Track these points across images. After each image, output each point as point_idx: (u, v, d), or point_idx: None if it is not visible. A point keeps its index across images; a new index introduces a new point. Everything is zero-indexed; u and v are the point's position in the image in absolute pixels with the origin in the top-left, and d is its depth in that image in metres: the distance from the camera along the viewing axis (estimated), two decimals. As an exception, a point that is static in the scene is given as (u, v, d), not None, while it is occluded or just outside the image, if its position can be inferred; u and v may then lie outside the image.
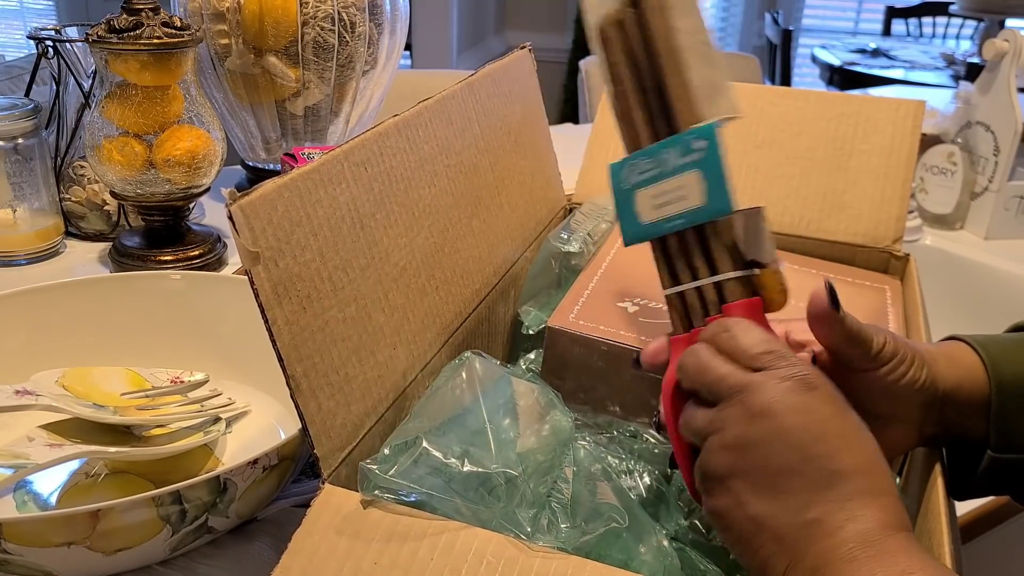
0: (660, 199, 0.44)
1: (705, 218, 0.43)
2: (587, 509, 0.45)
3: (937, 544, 0.40)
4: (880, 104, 0.78)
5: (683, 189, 0.43)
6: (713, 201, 0.43)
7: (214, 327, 0.68)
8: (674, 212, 0.44)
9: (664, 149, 0.44)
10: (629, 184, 0.46)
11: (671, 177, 0.44)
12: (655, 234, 0.45)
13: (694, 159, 0.43)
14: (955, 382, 0.45)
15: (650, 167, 0.45)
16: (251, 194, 0.39)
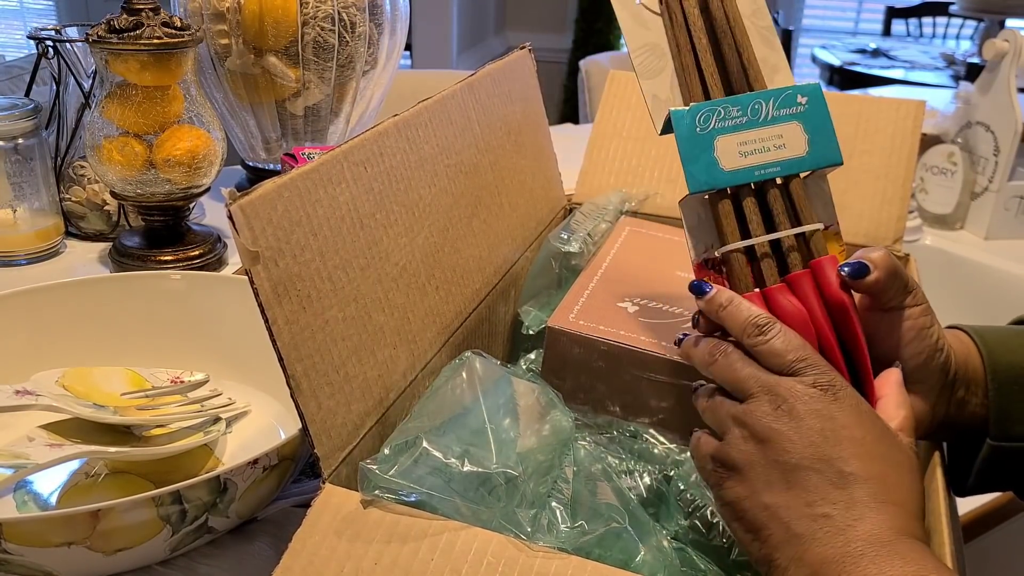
0: (749, 146, 0.45)
1: (807, 167, 0.45)
2: (587, 509, 0.45)
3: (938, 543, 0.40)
4: (880, 104, 0.78)
5: (782, 139, 0.45)
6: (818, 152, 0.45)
7: (214, 327, 0.68)
8: (769, 160, 0.45)
9: (757, 99, 0.45)
10: (707, 129, 0.45)
11: (767, 126, 0.45)
12: (736, 181, 0.45)
13: (795, 112, 0.45)
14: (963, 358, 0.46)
15: (739, 115, 0.45)
16: (251, 194, 0.39)
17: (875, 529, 0.35)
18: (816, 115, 0.45)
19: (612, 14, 2.01)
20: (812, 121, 0.45)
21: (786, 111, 0.45)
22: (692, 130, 0.46)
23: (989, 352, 0.46)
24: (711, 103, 0.46)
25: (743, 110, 0.45)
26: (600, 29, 3.46)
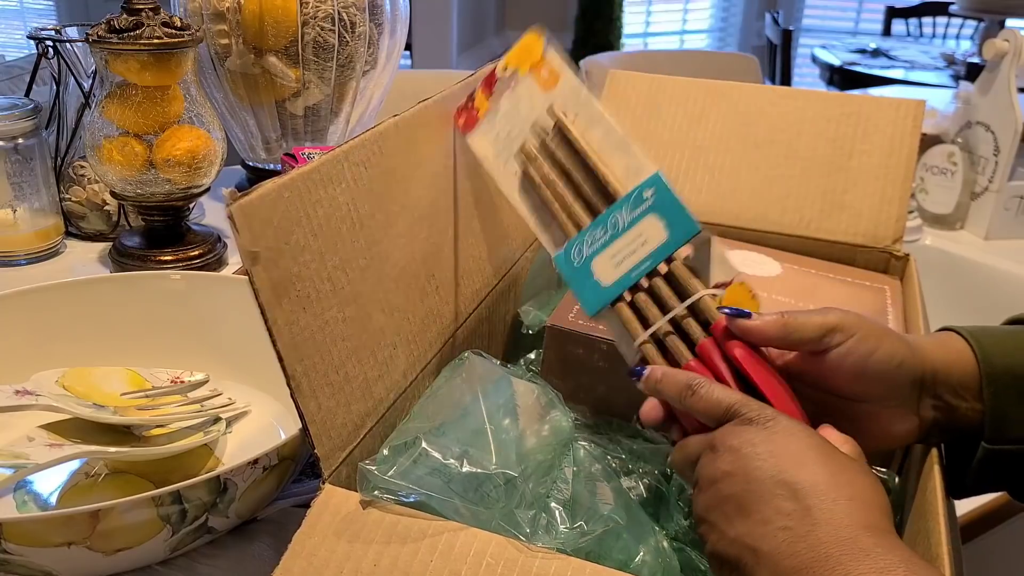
0: (619, 256, 0.49)
1: (671, 249, 0.48)
2: (586, 510, 0.45)
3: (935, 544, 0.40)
4: (880, 104, 0.78)
5: (642, 235, 0.49)
6: (676, 231, 0.48)
7: (214, 327, 0.68)
8: (639, 259, 0.49)
9: (613, 213, 0.50)
10: (582, 259, 0.50)
11: (627, 232, 0.49)
12: (621, 289, 0.49)
13: (647, 207, 0.49)
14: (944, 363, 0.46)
15: (602, 234, 0.50)
16: (250, 194, 0.39)
17: (835, 530, 0.36)
18: (665, 201, 0.49)
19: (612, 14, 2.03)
20: (663, 208, 0.49)
21: (639, 209, 0.49)
22: (571, 265, 0.50)
23: (985, 356, 0.46)
24: (578, 236, 0.51)
25: (604, 228, 0.50)
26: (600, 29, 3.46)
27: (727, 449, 0.41)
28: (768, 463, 0.39)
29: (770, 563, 0.37)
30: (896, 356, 0.45)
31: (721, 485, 0.40)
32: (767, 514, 0.38)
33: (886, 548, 0.35)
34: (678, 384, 0.45)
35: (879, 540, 0.35)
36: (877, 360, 0.44)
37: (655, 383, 0.46)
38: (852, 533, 0.36)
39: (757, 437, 0.40)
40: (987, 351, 0.46)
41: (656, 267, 0.48)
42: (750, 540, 0.38)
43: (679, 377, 0.45)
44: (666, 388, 0.45)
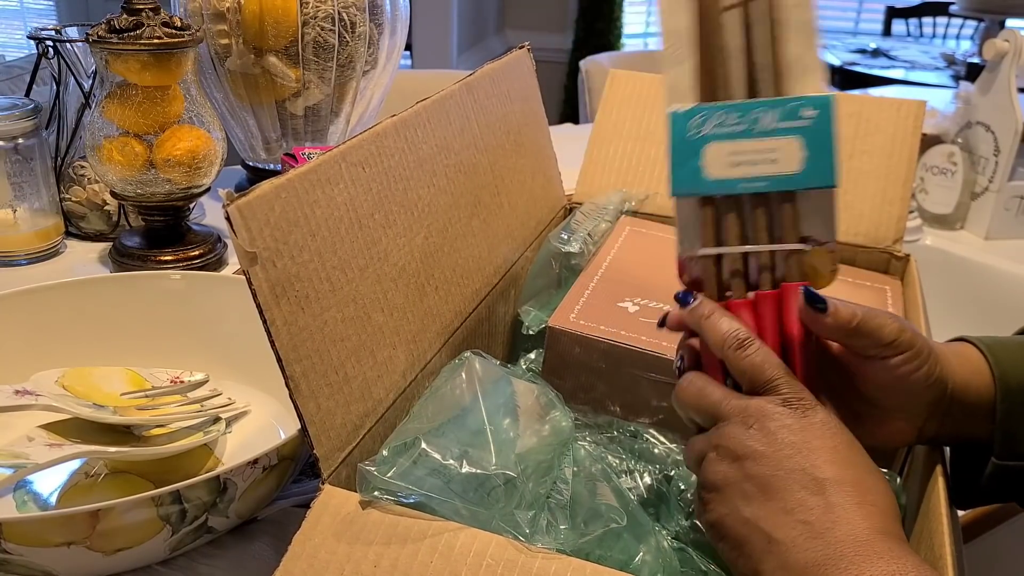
0: (740, 157, 0.43)
1: (795, 186, 0.43)
2: (587, 510, 0.45)
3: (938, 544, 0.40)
4: (881, 104, 0.78)
5: (776, 152, 0.43)
6: (812, 171, 0.43)
7: (214, 327, 0.68)
8: (758, 174, 0.43)
9: (760, 108, 0.43)
10: (700, 134, 0.44)
11: (764, 138, 0.43)
12: (720, 191, 0.44)
13: (798, 125, 0.43)
14: (963, 381, 0.46)
15: (737, 122, 0.43)
16: (248, 195, 0.39)
17: (853, 530, 0.36)
18: (819, 131, 0.43)
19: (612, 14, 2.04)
20: (814, 137, 0.43)
21: (788, 124, 0.43)
22: (684, 133, 0.44)
23: (1001, 372, 0.45)
24: (710, 107, 0.44)
25: (742, 118, 0.44)
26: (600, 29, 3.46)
27: (761, 428, 0.40)
28: (801, 454, 0.38)
29: (781, 553, 0.37)
30: (932, 376, 0.44)
31: (747, 463, 0.39)
32: (789, 504, 0.37)
33: (898, 554, 0.35)
34: (724, 331, 0.42)
35: (892, 546, 0.35)
36: (916, 379, 0.44)
37: (700, 318, 0.44)
38: (869, 536, 0.36)
39: (795, 424, 0.39)
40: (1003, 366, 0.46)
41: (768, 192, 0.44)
42: (765, 525, 0.38)
43: (727, 324, 0.43)
44: (710, 329, 0.43)
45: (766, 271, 0.44)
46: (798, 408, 0.40)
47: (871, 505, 0.37)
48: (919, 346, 0.44)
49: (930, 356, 0.44)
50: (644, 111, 0.83)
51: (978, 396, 0.46)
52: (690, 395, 0.43)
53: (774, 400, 0.40)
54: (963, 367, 0.46)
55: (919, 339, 0.44)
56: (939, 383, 0.45)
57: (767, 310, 0.44)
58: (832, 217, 0.44)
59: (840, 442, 0.39)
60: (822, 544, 0.36)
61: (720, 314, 0.43)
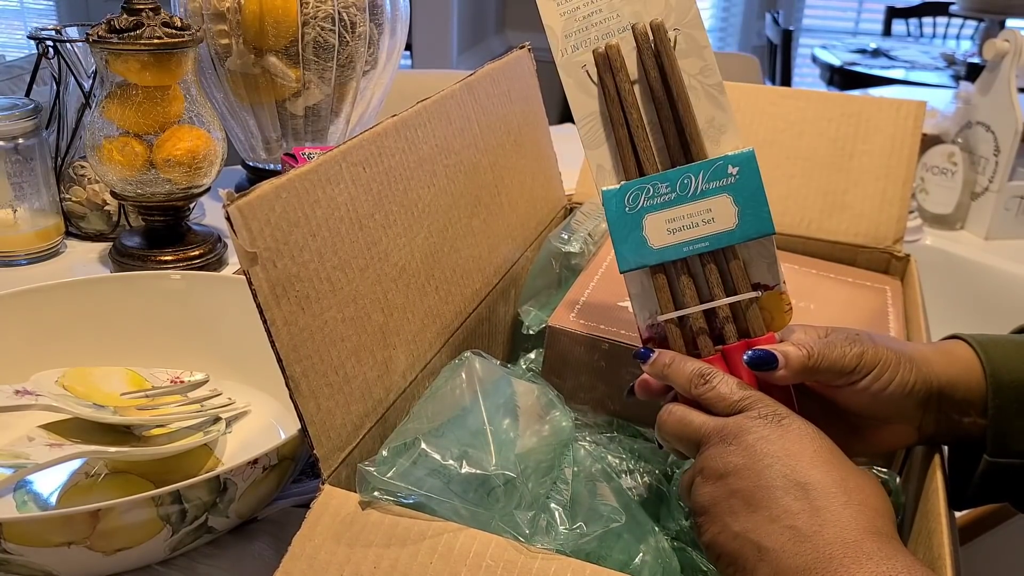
0: (678, 223, 0.45)
1: (736, 240, 0.45)
2: (586, 510, 0.45)
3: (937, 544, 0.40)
4: (881, 104, 0.78)
5: (710, 212, 0.45)
6: (748, 224, 0.44)
7: (214, 327, 0.68)
8: (697, 235, 0.45)
9: (687, 174, 0.45)
10: (636, 208, 0.46)
11: (696, 201, 0.45)
12: (667, 258, 0.45)
13: (726, 183, 0.44)
14: (950, 379, 0.46)
15: (668, 191, 0.45)
16: (249, 195, 0.39)
17: (842, 532, 0.36)
18: (747, 185, 0.44)
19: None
20: (742, 192, 0.44)
21: (716, 183, 0.45)
22: (622, 209, 0.46)
23: (993, 369, 0.46)
24: (640, 181, 0.46)
25: (672, 186, 0.45)
26: (600, 29, 3.45)
27: (739, 443, 0.40)
28: (781, 461, 0.39)
29: (773, 560, 0.37)
30: (907, 384, 0.45)
31: (730, 479, 0.40)
32: (775, 512, 0.38)
33: (889, 553, 0.35)
34: (688, 372, 0.44)
35: (882, 545, 0.35)
36: (890, 391, 0.44)
37: (663, 368, 0.45)
38: (857, 536, 0.36)
39: (772, 434, 0.40)
40: (995, 364, 0.46)
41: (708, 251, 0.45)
42: (755, 536, 0.38)
43: (690, 365, 0.44)
44: (675, 374, 0.44)
45: (729, 323, 0.46)
46: (773, 419, 0.41)
47: (859, 505, 0.37)
48: (885, 360, 0.44)
49: (900, 365, 0.44)
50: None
51: (969, 392, 0.46)
52: (672, 425, 0.44)
53: (750, 415, 0.41)
54: (951, 365, 0.46)
55: (884, 353, 0.44)
56: (920, 386, 0.45)
57: (738, 360, 0.45)
58: (775, 261, 0.46)
59: (820, 446, 0.40)
60: (811, 547, 0.36)
61: (680, 359, 0.45)
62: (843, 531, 0.36)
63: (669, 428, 0.44)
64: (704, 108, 0.46)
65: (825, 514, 0.37)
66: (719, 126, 0.46)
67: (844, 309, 0.65)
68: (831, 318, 0.63)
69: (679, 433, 0.44)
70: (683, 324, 0.46)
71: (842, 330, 0.46)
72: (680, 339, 0.46)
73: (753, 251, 0.46)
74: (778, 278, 0.46)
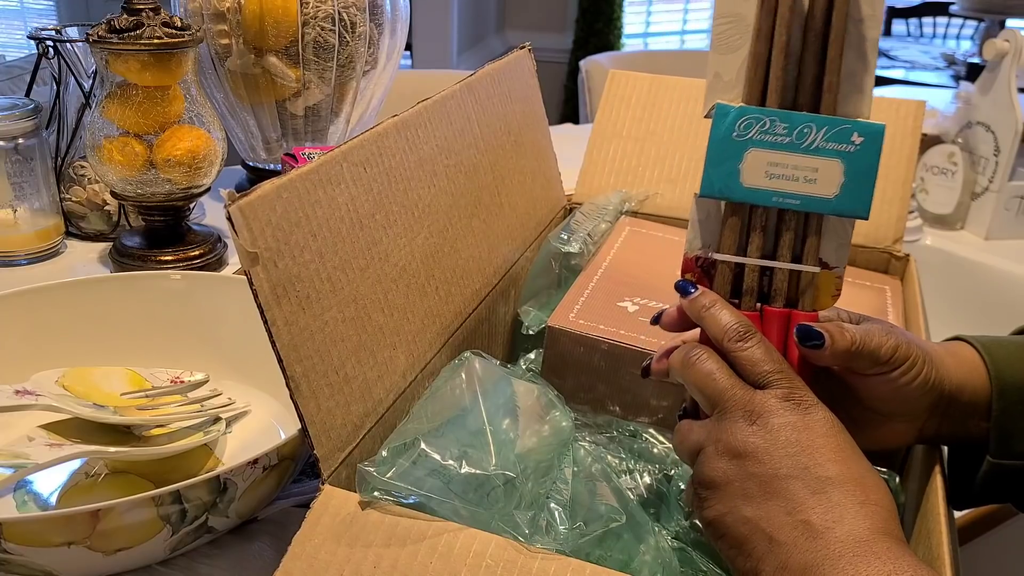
0: (779, 169, 0.42)
1: (828, 210, 0.42)
2: (586, 510, 0.45)
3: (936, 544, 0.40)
4: (880, 104, 0.78)
5: (816, 173, 0.42)
6: (847, 199, 0.42)
7: (214, 327, 0.68)
8: (793, 190, 0.42)
9: (809, 123, 0.42)
10: (744, 137, 0.43)
11: (806, 155, 0.42)
12: (751, 200, 0.43)
13: (844, 149, 0.42)
14: (959, 381, 0.46)
15: (784, 133, 0.42)
16: (250, 195, 0.39)
17: (854, 530, 0.36)
18: (864, 159, 0.42)
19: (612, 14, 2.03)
20: (856, 164, 0.42)
21: (834, 146, 0.42)
22: (729, 132, 0.43)
23: (997, 372, 0.46)
24: (759, 111, 0.42)
25: (790, 129, 0.42)
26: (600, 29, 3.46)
27: (763, 424, 0.39)
28: (804, 452, 0.38)
29: (782, 554, 0.37)
30: (928, 382, 0.44)
31: (748, 461, 0.39)
32: (790, 504, 0.37)
33: (896, 554, 0.35)
34: (726, 322, 0.42)
35: (891, 545, 0.35)
36: (913, 387, 0.44)
37: (701, 309, 0.43)
38: (868, 536, 0.36)
39: (798, 422, 0.39)
40: (999, 366, 0.46)
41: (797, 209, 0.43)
42: (767, 526, 0.38)
43: (731, 315, 0.42)
44: (712, 319, 0.43)
45: (780, 288, 0.44)
46: (800, 405, 0.40)
47: (873, 504, 0.37)
48: (914, 355, 0.44)
49: (925, 363, 0.44)
50: (644, 111, 0.83)
51: (974, 395, 0.46)
52: (697, 374, 0.42)
53: (777, 394, 0.40)
54: (959, 367, 0.46)
55: (913, 348, 0.44)
56: (936, 386, 0.45)
57: (773, 328, 0.44)
58: (846, 245, 0.44)
59: (842, 441, 0.39)
60: (822, 544, 0.36)
61: (722, 305, 0.43)
62: (856, 529, 0.36)
63: (693, 375, 0.42)
64: (849, 60, 0.42)
65: (840, 511, 0.37)
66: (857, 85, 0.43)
67: (844, 309, 0.65)
68: (831, 318, 0.63)
69: (701, 385, 0.42)
70: (734, 269, 0.44)
71: (875, 319, 0.46)
72: (728, 284, 0.44)
73: (831, 226, 0.44)
74: (842, 261, 0.44)
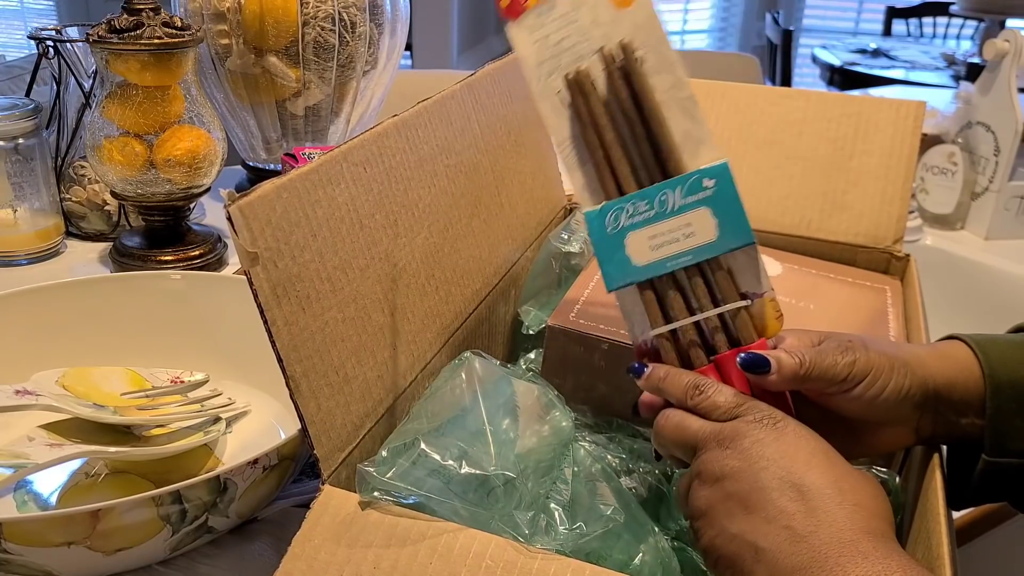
0: (659, 239, 0.46)
1: (718, 252, 0.45)
2: (586, 510, 0.45)
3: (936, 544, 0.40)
4: (881, 104, 0.78)
5: (690, 227, 0.45)
6: (728, 235, 0.45)
7: (214, 327, 0.68)
8: (679, 250, 0.45)
9: (664, 190, 0.45)
10: (618, 227, 0.46)
11: (675, 216, 0.45)
12: (651, 275, 0.46)
13: (703, 196, 0.45)
14: (947, 380, 0.46)
15: (647, 208, 0.46)
16: (250, 195, 0.39)
17: (837, 532, 0.36)
18: (724, 197, 0.45)
19: (612, 14, 1.94)
20: (720, 204, 0.45)
21: (693, 197, 0.45)
22: (603, 230, 0.46)
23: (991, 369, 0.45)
24: (619, 201, 0.46)
25: (650, 203, 0.46)
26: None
27: (735, 446, 0.40)
28: (777, 464, 0.39)
29: (769, 561, 0.37)
30: (902, 388, 0.44)
31: (726, 482, 0.40)
32: (771, 513, 0.38)
33: (884, 553, 0.35)
34: (683, 384, 0.44)
35: (878, 545, 0.35)
36: (884, 397, 0.44)
37: (658, 381, 0.46)
38: (853, 536, 0.36)
39: (768, 437, 0.40)
40: (993, 364, 0.46)
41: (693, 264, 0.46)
42: (751, 537, 0.38)
43: (684, 377, 0.45)
44: (670, 387, 0.45)
45: (719, 332, 0.46)
46: (769, 422, 0.41)
47: (854, 505, 0.37)
48: (878, 367, 0.44)
49: (894, 370, 0.44)
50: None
51: (967, 393, 0.46)
52: (669, 430, 0.44)
53: (746, 419, 0.41)
54: (947, 366, 0.46)
55: (876, 359, 0.44)
56: (916, 390, 0.45)
57: (731, 371, 0.45)
58: (759, 269, 0.46)
59: (815, 448, 0.40)
60: (807, 547, 0.36)
61: (674, 372, 0.45)
62: (839, 531, 0.36)
63: (667, 434, 0.44)
64: (679, 122, 0.46)
65: (820, 514, 0.37)
66: (696, 139, 0.46)
67: (844, 309, 0.65)
68: (831, 318, 0.63)
69: (676, 438, 0.44)
70: (675, 337, 0.47)
71: (835, 337, 0.46)
72: (673, 352, 0.47)
73: (739, 260, 0.47)
74: (765, 285, 0.47)
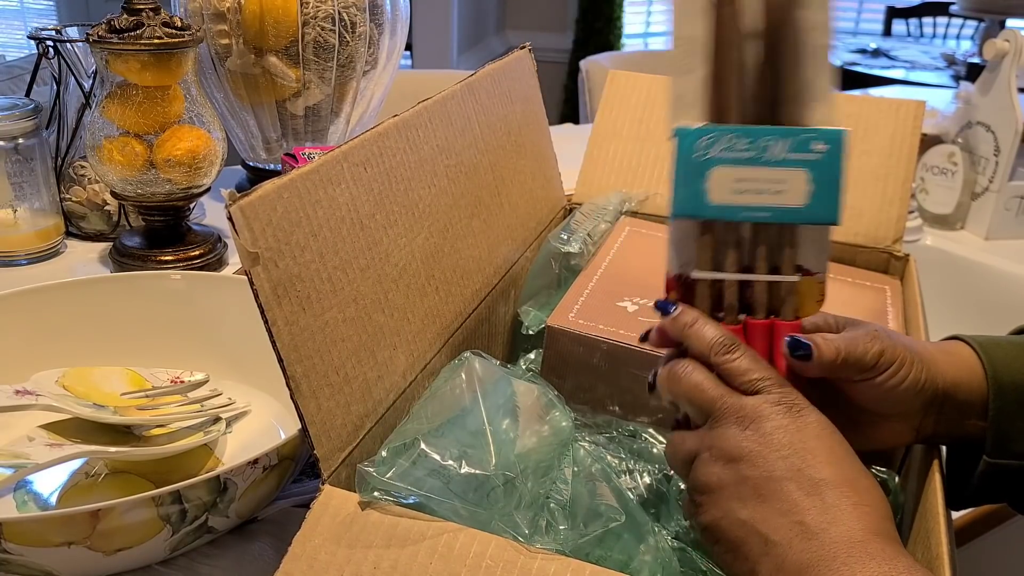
0: (745, 184, 0.42)
1: (798, 220, 0.43)
2: (586, 510, 0.45)
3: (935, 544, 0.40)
4: (880, 104, 0.78)
5: (782, 184, 0.42)
6: (817, 207, 0.42)
7: (214, 327, 0.68)
8: (761, 203, 0.42)
9: (770, 136, 0.42)
10: (706, 156, 0.43)
11: (771, 168, 0.42)
12: (720, 216, 0.43)
13: (807, 158, 0.42)
14: (953, 380, 0.46)
15: (745, 148, 0.42)
16: (250, 195, 0.39)
17: (848, 531, 0.36)
18: (828, 166, 0.42)
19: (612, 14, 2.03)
20: (821, 172, 0.42)
21: (797, 156, 0.42)
22: (690, 153, 0.43)
23: (994, 372, 0.46)
24: (720, 129, 0.42)
25: (751, 144, 0.42)
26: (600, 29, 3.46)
27: (756, 429, 0.40)
28: (797, 454, 0.39)
29: (778, 554, 0.37)
30: (919, 382, 0.44)
31: (741, 465, 0.39)
32: (786, 505, 0.38)
33: (891, 555, 0.35)
34: (710, 337, 0.42)
35: (885, 546, 0.36)
36: (903, 389, 0.44)
37: (683, 327, 0.44)
38: (863, 536, 0.36)
39: (790, 425, 0.39)
40: (996, 365, 0.46)
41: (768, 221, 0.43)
42: (762, 527, 0.38)
43: (713, 330, 0.43)
44: (695, 336, 0.43)
45: (761, 299, 0.44)
46: (792, 408, 0.40)
47: (866, 506, 0.37)
48: (901, 357, 0.44)
49: (914, 364, 0.44)
50: (644, 111, 0.83)
51: (970, 394, 0.46)
52: (686, 387, 0.43)
53: (769, 399, 0.40)
54: (954, 366, 0.46)
55: (900, 350, 0.44)
56: (928, 386, 0.45)
57: (757, 339, 0.44)
58: (826, 250, 0.44)
59: (835, 443, 0.40)
60: (817, 544, 0.36)
61: (704, 321, 0.43)
62: (850, 530, 0.36)
63: (681, 388, 0.43)
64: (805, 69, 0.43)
65: (835, 512, 0.37)
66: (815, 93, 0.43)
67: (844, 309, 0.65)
68: (831, 318, 0.63)
69: (691, 396, 0.42)
70: (714, 285, 0.44)
71: (860, 324, 0.46)
72: (708, 300, 0.44)
73: (811, 235, 0.44)
74: (823, 267, 0.44)
